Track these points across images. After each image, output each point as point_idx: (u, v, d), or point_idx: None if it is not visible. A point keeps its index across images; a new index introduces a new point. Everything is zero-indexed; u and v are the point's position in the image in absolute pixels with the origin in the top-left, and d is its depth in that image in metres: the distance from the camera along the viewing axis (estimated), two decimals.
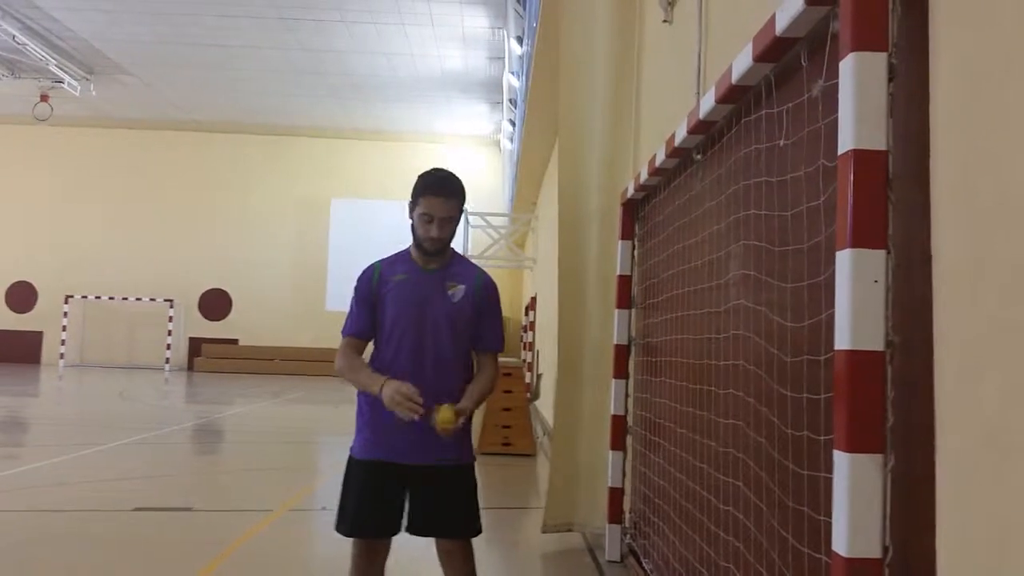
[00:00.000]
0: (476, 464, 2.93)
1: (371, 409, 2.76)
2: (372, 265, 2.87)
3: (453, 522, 2.79)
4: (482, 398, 2.79)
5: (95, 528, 5.44)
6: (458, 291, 2.80)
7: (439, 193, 2.71)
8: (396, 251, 2.91)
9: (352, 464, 2.82)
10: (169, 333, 27.78)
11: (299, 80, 22.81)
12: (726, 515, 2.86)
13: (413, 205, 2.76)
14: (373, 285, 2.81)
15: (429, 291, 2.79)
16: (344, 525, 2.77)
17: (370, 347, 2.88)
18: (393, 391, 2.56)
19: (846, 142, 1.77)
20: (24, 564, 4.53)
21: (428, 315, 2.76)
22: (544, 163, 15.16)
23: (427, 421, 2.58)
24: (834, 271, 1.82)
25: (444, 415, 2.58)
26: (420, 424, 2.61)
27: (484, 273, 2.94)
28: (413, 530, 2.78)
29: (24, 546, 4.88)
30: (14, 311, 28.36)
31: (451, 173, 2.81)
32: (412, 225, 2.77)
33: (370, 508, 2.74)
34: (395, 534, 2.79)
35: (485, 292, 2.87)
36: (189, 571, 4.40)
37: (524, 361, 14.06)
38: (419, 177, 2.77)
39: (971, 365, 1.53)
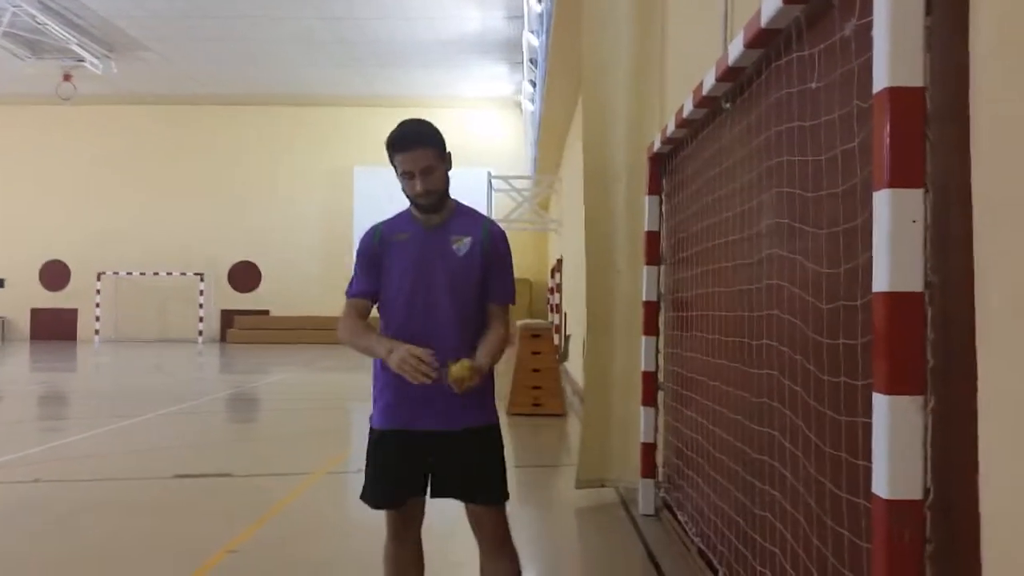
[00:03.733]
0: (507, 425, 2.83)
1: (387, 373, 2.60)
2: (373, 227, 2.74)
3: (480, 487, 2.65)
4: (497, 353, 2.62)
5: (136, 495, 5.58)
6: (464, 244, 2.64)
7: (409, 146, 2.54)
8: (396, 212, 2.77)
9: (372, 435, 2.70)
10: (200, 306, 28.15)
11: (319, 49, 22.70)
12: (761, 464, 2.86)
13: (393, 167, 2.60)
14: (375, 245, 2.68)
15: (433, 248, 2.64)
16: (368, 496, 2.68)
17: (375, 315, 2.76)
18: (404, 353, 2.41)
19: (881, 80, 1.73)
20: (70, 532, 4.67)
21: (435, 273, 2.61)
22: (567, 123, 15.02)
23: (441, 381, 2.43)
24: (870, 214, 1.79)
25: (457, 371, 2.42)
26: (439, 386, 2.46)
27: (491, 222, 2.76)
28: (436, 492, 2.65)
29: (69, 516, 5.02)
30: (48, 289, 28.87)
31: (419, 120, 2.61)
32: (401, 186, 2.61)
33: (395, 480, 2.64)
34: (418, 497, 2.67)
35: (493, 242, 2.69)
36: (230, 534, 4.51)
37: (552, 323, 14.06)
38: (387, 137, 2.59)
39: (1012, 302, 1.50)
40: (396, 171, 2.59)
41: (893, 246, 1.69)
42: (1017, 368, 1.49)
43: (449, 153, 2.66)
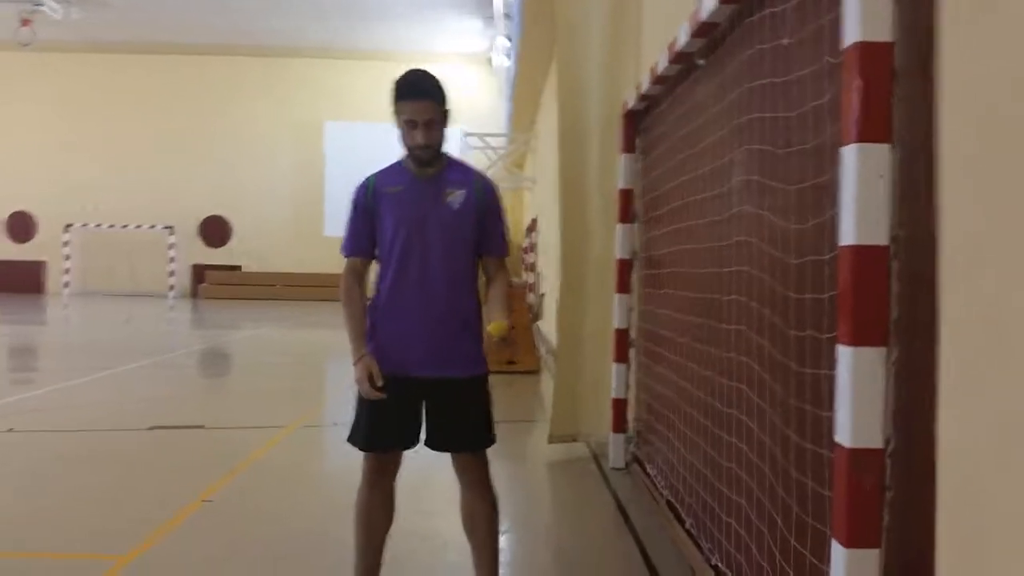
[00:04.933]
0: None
1: (379, 323, 2.69)
2: (366, 179, 2.76)
3: (471, 435, 2.74)
4: (509, 305, 2.77)
5: (111, 446, 5.58)
6: (457, 196, 2.68)
7: (417, 96, 2.59)
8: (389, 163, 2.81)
9: None
10: (171, 260, 27.82)
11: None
12: (729, 417, 2.92)
13: (395, 113, 2.63)
14: (368, 199, 2.71)
15: (427, 200, 2.67)
16: (358, 438, 2.71)
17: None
18: (362, 371, 2.60)
19: (851, 34, 1.74)
20: (42, 481, 4.66)
21: (429, 225, 2.65)
22: (543, 79, 14.88)
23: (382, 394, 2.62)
24: (838, 171, 1.81)
25: (495, 330, 2.62)
26: (433, 335, 2.63)
27: (483, 175, 2.82)
28: (431, 444, 2.73)
29: (41, 464, 5.01)
30: (15, 241, 28.35)
31: (426, 72, 2.66)
32: (400, 134, 2.64)
33: (384, 422, 2.68)
34: (411, 448, 2.74)
35: (486, 195, 2.75)
36: (205, 484, 4.53)
37: (526, 282, 14.13)
38: (394, 82, 2.62)
39: (973, 257, 1.54)
40: (397, 119, 2.62)
41: (860, 201, 1.72)
42: (973, 321, 1.53)
43: (449, 110, 2.70)
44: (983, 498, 1.49)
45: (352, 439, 2.74)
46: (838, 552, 1.73)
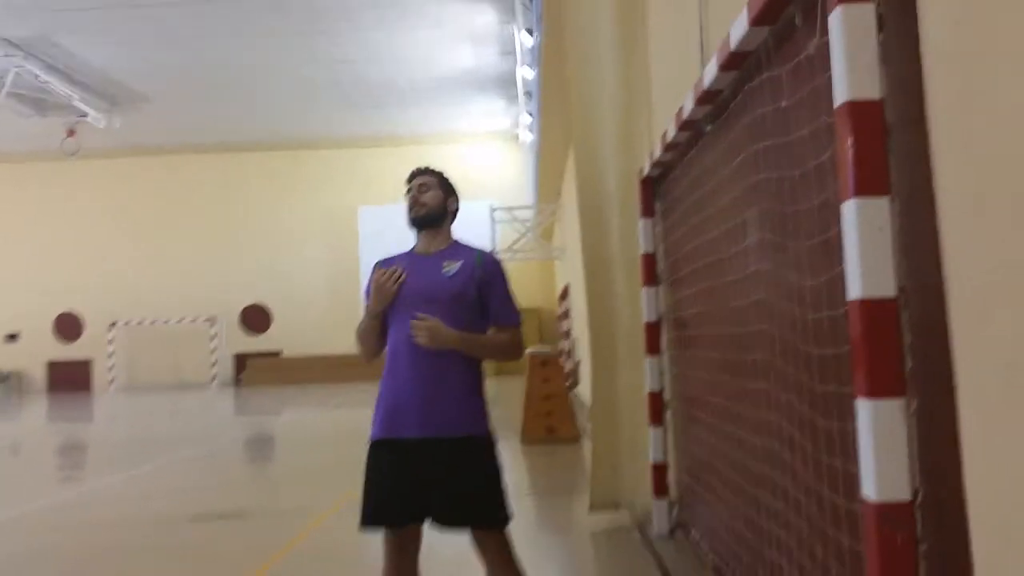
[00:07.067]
0: (522, 454, 2.86)
1: (381, 391, 2.79)
2: (377, 261, 2.97)
3: (474, 508, 2.66)
4: (479, 346, 2.77)
5: (153, 539, 5.62)
6: (454, 266, 2.81)
7: (413, 175, 2.96)
8: None
9: (369, 451, 2.78)
10: (213, 350, 28.29)
11: (317, 94, 23.06)
12: (764, 477, 2.89)
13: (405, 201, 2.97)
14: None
15: (426, 271, 2.82)
16: (364, 516, 2.70)
17: None
18: (373, 289, 2.79)
19: (841, 94, 1.79)
20: None
21: (425, 293, 2.77)
22: (564, 151, 15.15)
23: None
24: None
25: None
26: (425, 397, 2.67)
27: (485, 251, 2.92)
28: (435, 519, 2.65)
29: (85, 562, 5.05)
30: (62, 341, 29.10)
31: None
32: (406, 212, 2.93)
33: (385, 492, 2.66)
34: (413, 521, 2.67)
35: (485, 265, 2.83)
36: (246, 573, 4.53)
37: (561, 350, 14.11)
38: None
39: (983, 302, 1.55)
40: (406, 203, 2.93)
41: (863, 254, 1.74)
42: (988, 370, 1.53)
43: (454, 189, 2.98)
44: (1017, 543, 1.46)
45: (361, 520, 2.72)
46: None
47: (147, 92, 22.47)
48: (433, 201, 2.89)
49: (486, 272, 2.82)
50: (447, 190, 2.95)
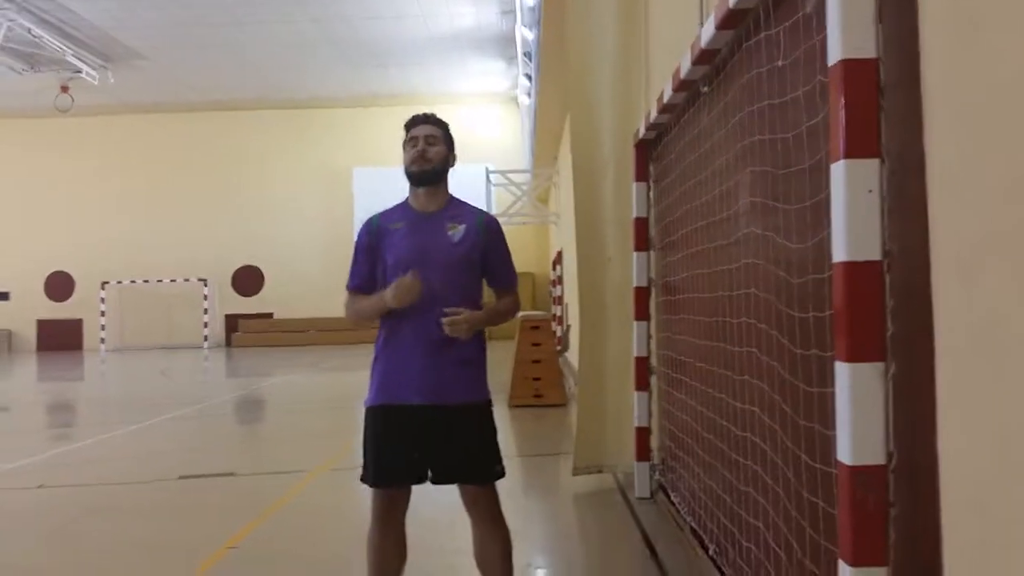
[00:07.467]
0: (509, 417, 2.89)
1: (380, 356, 2.75)
2: (370, 218, 2.87)
3: (473, 466, 2.71)
4: (495, 316, 2.80)
5: (142, 498, 5.64)
6: (459, 231, 2.74)
7: (419, 121, 2.81)
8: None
9: (367, 415, 2.77)
10: (205, 311, 28.25)
11: (313, 51, 22.74)
12: (743, 441, 2.89)
13: (404, 145, 2.82)
14: (372, 236, 2.80)
15: (429, 234, 2.73)
16: (367, 476, 2.73)
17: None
18: (393, 288, 2.61)
19: (835, 52, 1.76)
20: (72, 537, 4.72)
21: (429, 258, 2.69)
22: (562, 115, 15.02)
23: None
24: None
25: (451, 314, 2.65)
26: (429, 364, 2.64)
27: (485, 212, 2.88)
28: (434, 477, 2.71)
29: (71, 521, 5.07)
30: (53, 300, 29.01)
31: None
32: (404, 161, 2.78)
33: (389, 455, 2.69)
34: (416, 482, 2.73)
35: (488, 229, 2.81)
36: (231, 531, 4.56)
37: (552, 314, 14.12)
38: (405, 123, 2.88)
39: (967, 268, 1.53)
40: (404, 148, 2.80)
41: (850, 216, 1.72)
42: (968, 332, 1.52)
43: (454, 146, 2.87)
44: (987, 510, 1.46)
45: (363, 477, 2.76)
46: (844, 571, 1.71)
47: (142, 48, 22.12)
48: (438, 157, 2.77)
49: (489, 236, 2.81)
50: (450, 145, 2.86)
